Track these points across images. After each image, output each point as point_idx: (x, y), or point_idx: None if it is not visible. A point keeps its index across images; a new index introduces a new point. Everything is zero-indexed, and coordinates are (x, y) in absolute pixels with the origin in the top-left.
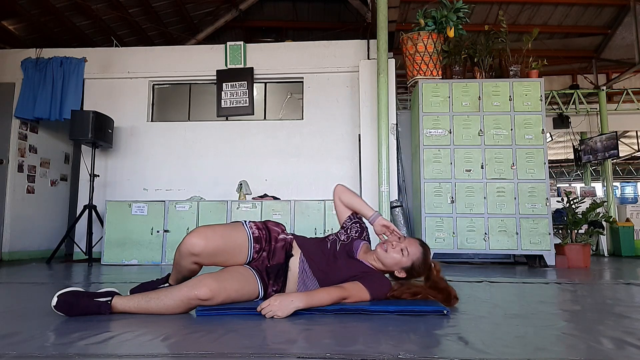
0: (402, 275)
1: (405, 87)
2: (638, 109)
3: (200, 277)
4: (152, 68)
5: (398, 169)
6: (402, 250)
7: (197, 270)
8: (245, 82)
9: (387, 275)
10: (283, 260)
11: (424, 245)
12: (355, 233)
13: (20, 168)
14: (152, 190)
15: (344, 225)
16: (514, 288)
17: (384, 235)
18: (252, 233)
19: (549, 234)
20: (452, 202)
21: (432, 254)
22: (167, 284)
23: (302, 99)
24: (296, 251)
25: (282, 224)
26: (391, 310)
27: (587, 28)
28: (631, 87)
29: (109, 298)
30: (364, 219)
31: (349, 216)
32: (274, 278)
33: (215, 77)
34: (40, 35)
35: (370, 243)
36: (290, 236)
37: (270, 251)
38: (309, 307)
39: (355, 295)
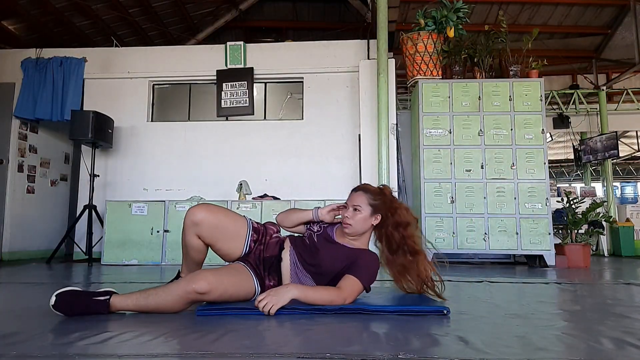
0: (378, 219)
1: (405, 87)
2: (638, 109)
3: (198, 271)
4: (152, 68)
5: (398, 169)
6: (353, 209)
7: (202, 252)
8: (245, 82)
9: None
10: (277, 253)
11: (359, 187)
12: (325, 223)
13: (20, 168)
14: (152, 190)
15: (309, 228)
16: (514, 288)
17: (337, 217)
18: (252, 224)
19: (549, 234)
20: (452, 202)
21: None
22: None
23: (302, 99)
24: (287, 245)
25: (278, 225)
26: (391, 310)
27: (587, 28)
28: (631, 87)
29: (107, 297)
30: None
31: (304, 227)
32: (269, 270)
33: (215, 77)
34: (40, 35)
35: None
36: (283, 235)
37: (265, 244)
38: (306, 301)
39: (353, 292)
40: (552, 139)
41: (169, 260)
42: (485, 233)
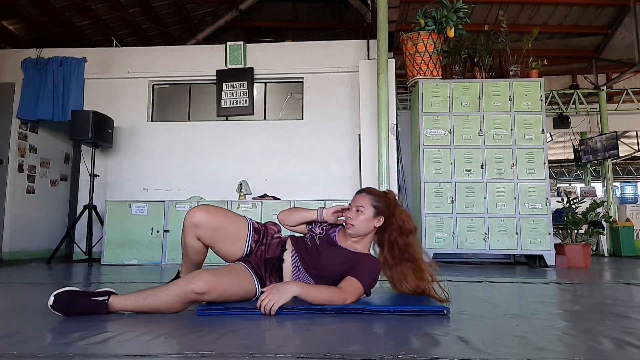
0: (380, 222)
1: (405, 87)
2: (638, 109)
3: (197, 271)
4: (152, 68)
5: (398, 169)
6: (357, 210)
7: (202, 253)
8: (245, 82)
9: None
10: (279, 254)
11: (362, 190)
12: (327, 225)
13: (20, 168)
14: (152, 190)
15: (310, 229)
16: (514, 288)
17: (341, 219)
18: (252, 224)
19: (549, 234)
20: (452, 202)
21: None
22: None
23: (302, 99)
24: (289, 246)
25: (278, 225)
26: (391, 310)
27: (587, 28)
28: (631, 87)
29: (106, 297)
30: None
31: (306, 227)
32: (270, 271)
33: (215, 77)
34: (40, 35)
35: (344, 226)
36: (285, 236)
37: (266, 245)
38: (307, 299)
39: (354, 293)
40: (552, 139)
41: (169, 260)
42: (485, 233)
